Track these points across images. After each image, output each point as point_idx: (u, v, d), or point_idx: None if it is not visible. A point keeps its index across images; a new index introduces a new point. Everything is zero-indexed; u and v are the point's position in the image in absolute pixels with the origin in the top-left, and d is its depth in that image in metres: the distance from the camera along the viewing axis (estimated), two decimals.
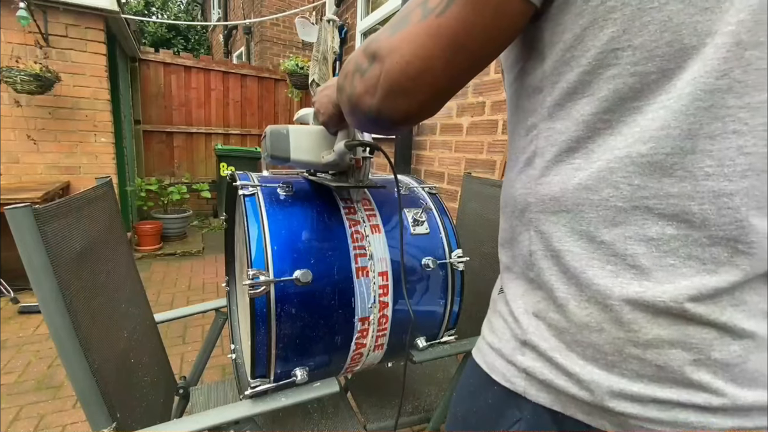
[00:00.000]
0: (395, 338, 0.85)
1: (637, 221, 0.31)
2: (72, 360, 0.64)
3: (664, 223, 0.31)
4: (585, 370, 0.34)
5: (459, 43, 0.33)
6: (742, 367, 0.30)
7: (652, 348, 0.31)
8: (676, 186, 0.30)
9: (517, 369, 0.38)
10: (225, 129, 5.37)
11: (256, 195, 0.78)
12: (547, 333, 0.36)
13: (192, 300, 2.90)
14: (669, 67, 0.30)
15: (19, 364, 2.01)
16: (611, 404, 0.33)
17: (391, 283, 0.81)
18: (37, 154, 3.17)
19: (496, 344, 0.42)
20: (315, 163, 0.74)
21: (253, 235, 0.72)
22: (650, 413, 0.32)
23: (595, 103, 0.32)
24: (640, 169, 0.31)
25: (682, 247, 0.30)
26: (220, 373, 2.02)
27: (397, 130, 0.42)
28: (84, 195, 0.79)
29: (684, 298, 0.30)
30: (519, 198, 0.39)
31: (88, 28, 3.18)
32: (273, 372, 0.76)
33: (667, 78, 0.30)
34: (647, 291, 0.31)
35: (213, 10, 10.18)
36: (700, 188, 0.30)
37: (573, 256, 0.34)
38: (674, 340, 0.31)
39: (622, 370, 0.32)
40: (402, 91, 0.35)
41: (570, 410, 0.35)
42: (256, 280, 0.69)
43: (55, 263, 0.62)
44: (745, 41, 0.28)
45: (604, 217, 0.32)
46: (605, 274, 0.32)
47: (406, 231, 0.87)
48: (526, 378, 0.38)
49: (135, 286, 1.00)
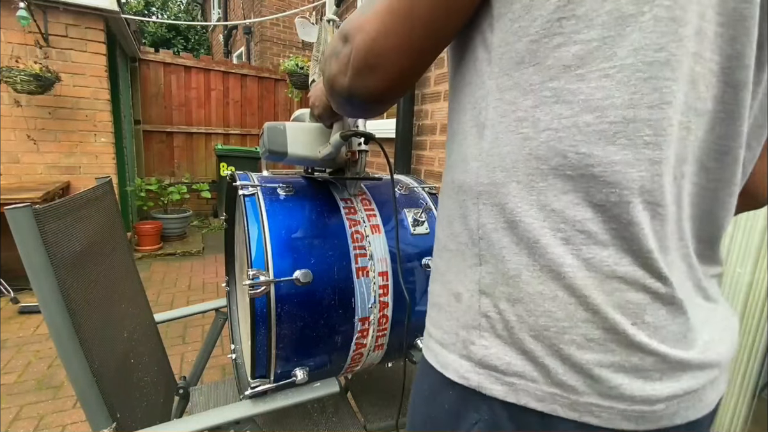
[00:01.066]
0: (395, 338, 0.85)
1: (585, 188, 0.33)
2: (72, 360, 0.64)
3: (608, 191, 0.32)
4: (538, 347, 0.34)
5: (415, 17, 0.34)
6: (669, 329, 0.33)
7: (600, 312, 0.33)
8: (619, 154, 0.32)
9: (471, 362, 0.37)
10: (225, 129, 5.37)
11: (256, 195, 0.78)
12: (497, 308, 0.36)
13: (192, 300, 2.90)
14: (609, 35, 0.31)
15: (19, 364, 2.01)
16: (564, 377, 0.33)
17: (391, 283, 0.81)
18: (37, 154, 3.17)
19: (445, 340, 0.40)
20: (312, 158, 0.75)
21: (253, 235, 0.72)
22: (597, 385, 0.33)
23: (542, 72, 0.33)
24: (587, 137, 0.32)
25: (623, 213, 0.32)
26: (220, 373, 2.02)
27: (370, 110, 0.43)
28: (84, 195, 0.79)
29: (626, 262, 0.32)
30: (470, 172, 0.38)
31: (88, 28, 3.18)
32: (273, 372, 0.76)
33: (608, 46, 0.31)
34: (595, 256, 0.33)
35: (213, 10, 10.18)
36: (639, 156, 0.32)
37: (525, 226, 0.34)
38: (616, 303, 0.33)
39: (572, 336, 0.33)
40: (369, 69, 0.37)
41: (523, 399, 0.35)
42: (256, 280, 0.69)
43: (55, 263, 0.62)
44: (678, 17, 0.30)
45: (554, 186, 0.33)
46: (557, 242, 0.33)
47: (407, 231, 0.87)
48: (481, 370, 0.37)
49: (135, 286, 1.00)
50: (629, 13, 0.30)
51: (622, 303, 0.33)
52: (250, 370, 0.78)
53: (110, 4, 3.14)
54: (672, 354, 0.33)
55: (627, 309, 0.33)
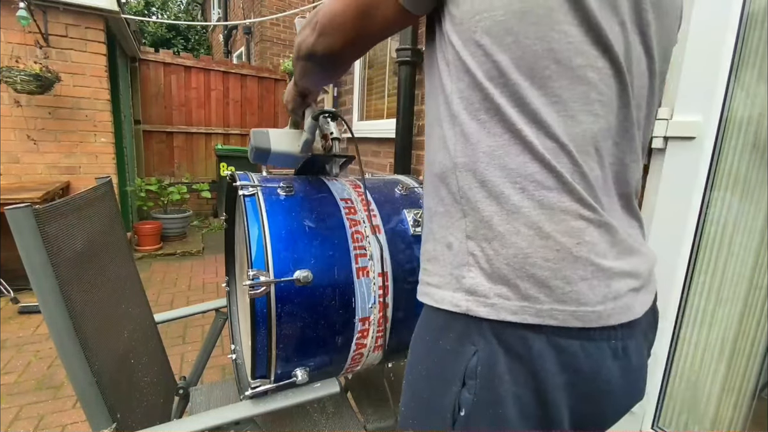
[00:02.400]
0: (394, 339, 0.85)
1: (533, 153, 0.43)
2: (72, 360, 0.64)
3: (549, 155, 0.43)
4: (510, 272, 0.44)
5: (348, 15, 0.51)
6: (601, 246, 0.45)
7: (552, 238, 0.43)
8: (562, 125, 0.43)
9: (462, 292, 0.47)
10: (225, 129, 5.37)
11: (256, 195, 0.78)
12: (480, 247, 0.46)
13: (192, 300, 2.90)
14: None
15: (19, 364, 2.02)
16: (530, 291, 0.44)
17: (391, 283, 0.81)
18: (37, 154, 3.17)
19: (440, 282, 0.50)
20: (293, 153, 0.86)
21: (254, 235, 0.72)
22: (554, 294, 0.44)
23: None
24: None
25: (563, 168, 0.43)
26: (220, 373, 2.02)
27: (328, 66, 0.61)
28: (84, 195, 0.79)
29: (566, 199, 0.43)
30: (451, 149, 0.49)
31: (88, 28, 3.18)
32: (273, 372, 0.76)
33: None
34: (545, 197, 0.43)
35: (213, 10, 10.18)
36: (572, 130, 0.44)
37: (492, 184, 0.45)
38: (563, 230, 0.43)
39: (534, 259, 0.44)
40: (327, 33, 0.54)
41: (502, 314, 0.44)
42: (256, 280, 0.69)
43: (55, 263, 0.62)
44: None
45: (509, 152, 0.44)
46: (516, 191, 0.44)
47: (407, 231, 0.87)
48: (469, 297, 0.46)
49: (135, 286, 1.00)
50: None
51: (567, 229, 0.43)
52: (250, 370, 0.78)
53: (110, 4, 3.14)
54: (604, 264, 0.44)
55: (571, 233, 0.43)
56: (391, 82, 2.88)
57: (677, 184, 1.02)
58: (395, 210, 0.89)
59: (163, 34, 11.51)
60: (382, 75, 3.02)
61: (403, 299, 0.83)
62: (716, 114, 0.96)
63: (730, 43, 0.93)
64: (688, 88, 1.00)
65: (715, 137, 0.97)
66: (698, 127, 0.97)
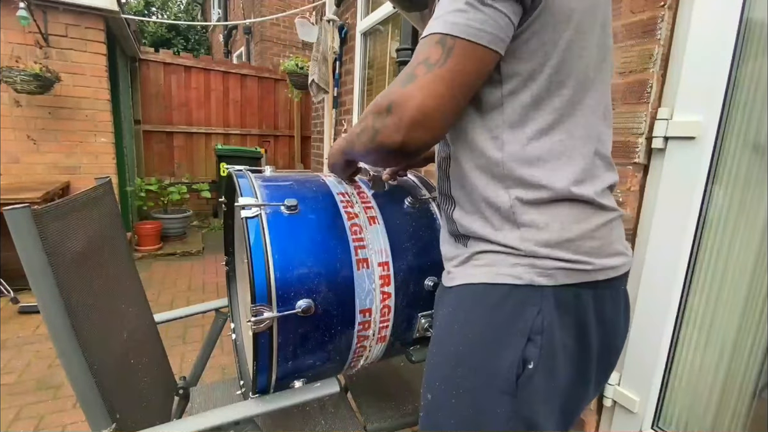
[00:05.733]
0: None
1: (521, 179, 0.56)
2: (72, 360, 0.64)
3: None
4: (560, 248, 0.54)
5: (458, 82, 0.48)
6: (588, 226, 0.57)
7: (598, 211, 0.58)
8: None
9: (522, 267, 0.54)
10: (225, 129, 5.37)
11: (259, 217, 0.73)
12: (535, 223, 0.55)
13: (192, 300, 2.90)
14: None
15: (19, 364, 2.02)
16: (576, 257, 0.55)
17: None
18: (37, 154, 3.17)
19: (496, 260, 0.56)
20: None
21: (258, 267, 0.69)
22: (592, 261, 0.56)
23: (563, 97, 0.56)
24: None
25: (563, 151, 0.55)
26: (220, 373, 2.02)
27: (414, 158, 0.54)
28: (84, 195, 0.79)
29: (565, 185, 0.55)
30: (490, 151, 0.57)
31: (88, 28, 3.18)
32: (272, 387, 0.78)
33: None
34: (534, 194, 0.55)
35: (213, 10, 10.17)
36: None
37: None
38: (604, 203, 0.58)
39: (551, 233, 0.54)
40: (420, 126, 0.48)
41: (561, 280, 0.54)
42: (259, 316, 0.68)
43: (54, 264, 0.62)
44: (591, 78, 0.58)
45: (508, 175, 0.56)
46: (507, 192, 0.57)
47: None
48: (530, 269, 0.54)
49: (135, 286, 1.00)
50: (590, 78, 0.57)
51: (605, 201, 0.57)
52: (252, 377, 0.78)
53: (110, 4, 3.14)
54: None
55: (608, 205, 0.58)
56: (391, 82, 2.88)
57: (677, 184, 1.02)
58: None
59: (163, 34, 11.51)
60: (382, 75, 3.01)
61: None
62: (716, 114, 0.95)
63: (730, 43, 0.92)
64: (688, 88, 0.99)
65: (715, 137, 0.96)
66: (698, 127, 0.97)
